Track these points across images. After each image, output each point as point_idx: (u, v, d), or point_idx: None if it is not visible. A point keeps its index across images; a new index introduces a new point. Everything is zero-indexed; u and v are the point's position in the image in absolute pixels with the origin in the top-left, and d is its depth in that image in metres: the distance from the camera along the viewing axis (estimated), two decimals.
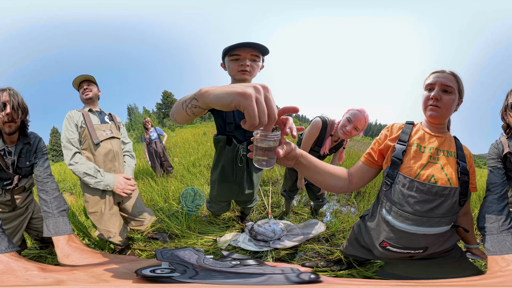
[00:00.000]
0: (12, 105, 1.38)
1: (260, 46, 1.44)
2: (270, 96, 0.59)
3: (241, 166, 1.64)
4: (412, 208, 1.05)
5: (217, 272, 0.55)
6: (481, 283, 0.66)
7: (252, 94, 0.55)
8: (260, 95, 0.57)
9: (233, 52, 1.46)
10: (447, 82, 1.08)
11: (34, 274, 0.54)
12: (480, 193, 2.74)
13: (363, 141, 11.78)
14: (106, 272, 0.54)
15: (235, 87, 0.57)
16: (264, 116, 0.57)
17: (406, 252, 1.14)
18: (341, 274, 1.79)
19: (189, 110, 0.74)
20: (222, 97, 0.59)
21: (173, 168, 4.76)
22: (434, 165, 1.07)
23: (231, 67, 1.49)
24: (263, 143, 0.69)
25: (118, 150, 1.95)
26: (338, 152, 2.16)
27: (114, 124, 2.00)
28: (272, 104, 0.59)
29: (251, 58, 1.47)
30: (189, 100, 0.72)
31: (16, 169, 1.50)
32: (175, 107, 0.85)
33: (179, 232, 2.35)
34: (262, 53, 1.51)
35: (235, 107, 0.57)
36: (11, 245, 0.81)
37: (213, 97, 0.62)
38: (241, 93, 0.55)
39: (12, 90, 1.42)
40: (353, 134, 1.86)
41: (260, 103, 0.56)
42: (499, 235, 1.05)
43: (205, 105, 0.67)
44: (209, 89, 0.64)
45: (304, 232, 2.19)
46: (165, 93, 40.10)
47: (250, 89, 0.56)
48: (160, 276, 0.48)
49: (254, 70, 1.50)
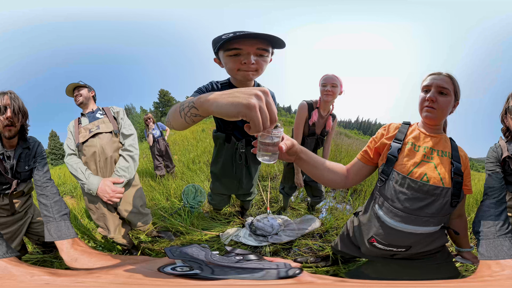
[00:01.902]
0: (13, 109, 1.37)
1: (271, 36, 1.05)
2: (270, 100, 0.60)
3: (240, 162, 1.66)
4: (402, 204, 1.06)
5: (227, 267, 0.56)
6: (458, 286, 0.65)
7: (256, 105, 0.56)
8: (263, 102, 0.58)
9: (231, 45, 1.09)
10: (443, 84, 1.10)
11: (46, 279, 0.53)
12: (477, 197, 2.73)
13: (362, 139, 11.92)
14: (131, 273, 0.54)
15: (238, 96, 0.58)
16: (267, 121, 0.59)
17: (389, 250, 1.15)
18: (325, 271, 1.84)
19: (188, 118, 0.73)
20: (228, 108, 0.59)
21: (174, 166, 4.72)
22: (427, 163, 1.09)
23: (229, 65, 1.15)
24: (267, 139, 0.72)
25: (106, 146, 1.82)
26: (329, 136, 2.25)
27: (107, 118, 1.94)
28: (273, 108, 0.60)
29: (257, 53, 1.10)
30: (188, 108, 0.71)
31: (15, 174, 1.49)
32: (172, 114, 0.83)
33: (184, 229, 2.36)
34: (273, 46, 1.14)
35: (241, 118, 0.58)
36: (9, 250, 0.80)
37: (216, 108, 0.61)
38: (246, 105, 0.56)
39: (13, 93, 1.41)
40: (335, 92, 2.00)
41: (263, 111, 0.58)
42: (495, 240, 1.03)
43: (206, 113, 0.67)
44: (210, 98, 0.63)
45: (300, 228, 2.28)
46: (162, 91, 39.92)
47: (254, 100, 0.57)
48: (186, 274, 0.49)
49: (261, 68, 1.15)
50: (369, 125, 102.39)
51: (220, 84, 1.39)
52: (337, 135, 10.12)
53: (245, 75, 1.14)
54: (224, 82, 1.40)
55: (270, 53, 1.15)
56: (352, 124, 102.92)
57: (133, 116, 37.53)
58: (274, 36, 1.04)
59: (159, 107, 39.42)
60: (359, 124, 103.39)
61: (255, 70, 1.14)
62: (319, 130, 2.16)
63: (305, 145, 2.13)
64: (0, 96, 1.38)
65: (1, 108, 1.35)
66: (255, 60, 1.10)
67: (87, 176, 1.71)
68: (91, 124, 1.88)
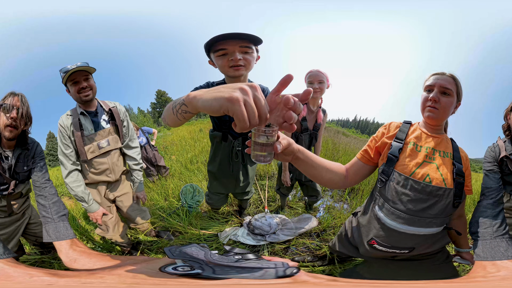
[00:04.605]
0: (21, 112, 1.37)
1: (249, 35, 1.22)
2: (259, 95, 0.56)
3: (236, 160, 1.68)
4: (405, 206, 1.05)
5: (227, 267, 0.56)
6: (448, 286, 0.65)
7: (239, 98, 0.53)
8: (249, 96, 0.54)
9: (217, 47, 1.25)
10: (446, 84, 1.09)
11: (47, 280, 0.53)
12: (475, 197, 2.74)
13: (360, 138, 11.87)
14: (134, 274, 0.54)
15: (222, 91, 0.55)
16: (255, 118, 0.54)
17: (391, 252, 1.14)
18: (321, 270, 1.85)
19: (180, 115, 0.73)
20: (211, 103, 0.56)
21: (168, 169, 4.56)
22: (429, 164, 1.08)
23: (220, 64, 1.30)
24: (261, 139, 0.69)
25: (117, 162, 1.81)
26: (320, 131, 2.23)
27: (113, 127, 1.75)
28: (262, 103, 0.56)
29: (241, 51, 1.26)
30: (179, 105, 0.71)
31: (13, 174, 1.48)
32: (166, 112, 0.84)
33: (182, 229, 2.37)
34: (253, 43, 1.30)
35: (224, 112, 0.54)
36: (6, 251, 0.80)
37: (201, 104, 0.60)
38: (228, 99, 0.53)
39: (23, 97, 1.41)
40: (323, 88, 2.01)
41: (250, 105, 0.54)
42: (492, 241, 1.03)
43: (195, 110, 0.66)
44: (197, 95, 0.62)
45: (297, 227, 2.29)
46: (159, 92, 39.73)
47: (237, 93, 0.53)
48: (188, 273, 0.49)
49: (249, 64, 1.30)
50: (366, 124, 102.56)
51: (216, 84, 1.41)
52: (334, 134, 10.13)
53: (234, 70, 1.28)
54: (220, 82, 1.44)
55: (254, 50, 1.31)
56: (350, 123, 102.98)
57: (131, 117, 37.28)
58: (249, 34, 1.21)
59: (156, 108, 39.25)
60: (357, 123, 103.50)
61: (243, 65, 1.28)
62: (311, 125, 2.15)
63: (299, 141, 2.12)
64: (11, 96, 1.38)
65: (9, 107, 1.35)
66: (242, 57, 1.26)
67: (90, 202, 1.71)
68: (98, 135, 1.69)
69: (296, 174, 2.31)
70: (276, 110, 0.66)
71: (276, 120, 0.66)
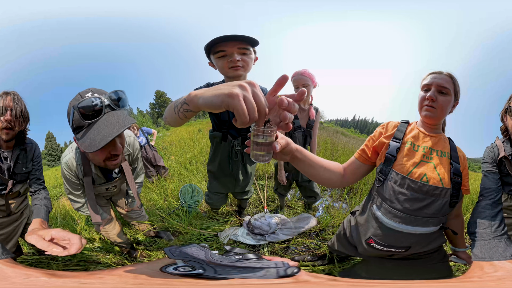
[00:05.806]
0: (15, 112, 1.32)
1: (246, 37, 1.28)
2: (258, 91, 0.59)
3: (236, 160, 1.70)
4: (402, 205, 1.06)
5: (228, 267, 0.56)
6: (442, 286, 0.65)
7: (239, 93, 0.55)
8: (248, 92, 0.57)
9: (217, 49, 1.31)
10: (443, 83, 1.09)
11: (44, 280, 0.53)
12: (473, 197, 2.78)
13: (359, 138, 11.89)
14: (135, 274, 0.54)
15: (222, 88, 0.58)
16: (254, 112, 0.57)
17: (388, 251, 1.14)
18: (321, 269, 1.85)
19: (181, 114, 0.76)
20: (212, 100, 0.59)
21: (167, 170, 4.58)
22: (427, 164, 1.08)
23: (219, 65, 1.35)
24: (259, 138, 0.71)
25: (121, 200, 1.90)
26: (314, 129, 2.23)
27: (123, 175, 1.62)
28: (261, 99, 0.59)
29: (240, 52, 1.31)
30: (180, 104, 0.74)
31: (12, 175, 1.47)
32: (167, 111, 0.86)
33: (182, 229, 2.36)
34: (251, 45, 1.35)
35: (225, 108, 0.57)
36: (4, 252, 0.79)
37: (202, 101, 0.62)
38: (228, 94, 0.56)
39: (16, 95, 1.36)
40: (309, 90, 2.02)
41: (249, 100, 0.56)
42: (491, 241, 1.02)
43: (196, 108, 0.68)
44: (197, 93, 0.65)
45: (296, 226, 2.30)
46: (158, 92, 39.71)
47: (237, 89, 0.56)
48: (190, 273, 0.49)
49: (247, 64, 1.35)
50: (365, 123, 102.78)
51: (215, 84, 1.42)
52: (333, 134, 10.13)
53: (234, 71, 1.32)
54: (219, 82, 1.47)
55: (252, 51, 1.36)
56: (349, 122, 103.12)
57: None
58: (247, 36, 1.26)
59: (155, 108, 39.22)
60: (356, 123, 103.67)
61: (242, 66, 1.32)
62: (304, 122, 2.16)
63: (293, 139, 2.12)
64: (3, 97, 1.32)
65: (2, 109, 1.30)
66: (240, 58, 1.30)
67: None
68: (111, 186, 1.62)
69: (292, 174, 2.32)
70: (273, 110, 0.68)
71: (274, 120, 0.68)
